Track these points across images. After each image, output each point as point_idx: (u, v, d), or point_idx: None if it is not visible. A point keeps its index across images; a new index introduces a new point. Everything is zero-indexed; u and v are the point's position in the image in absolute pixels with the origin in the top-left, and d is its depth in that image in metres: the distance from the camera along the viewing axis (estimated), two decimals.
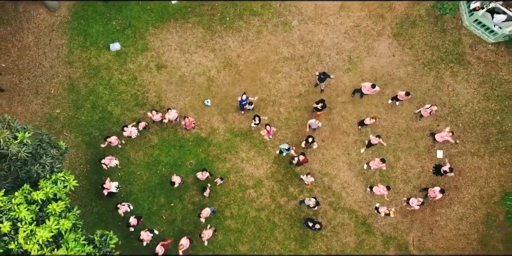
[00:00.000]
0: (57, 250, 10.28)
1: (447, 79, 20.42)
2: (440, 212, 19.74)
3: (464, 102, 20.30)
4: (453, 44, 20.62)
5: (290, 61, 20.48)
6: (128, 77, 20.14)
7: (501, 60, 20.63)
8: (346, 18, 20.69)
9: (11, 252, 10.44)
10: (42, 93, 20.12)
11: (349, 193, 19.66)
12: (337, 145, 19.94)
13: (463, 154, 20.04)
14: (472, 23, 20.34)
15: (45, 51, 20.40)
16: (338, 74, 20.28)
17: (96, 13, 20.64)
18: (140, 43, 20.38)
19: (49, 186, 11.29)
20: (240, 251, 19.20)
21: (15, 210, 10.52)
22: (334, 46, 20.50)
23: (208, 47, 20.50)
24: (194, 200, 19.29)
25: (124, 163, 19.43)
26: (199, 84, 20.22)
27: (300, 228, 19.30)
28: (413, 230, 19.59)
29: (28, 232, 10.31)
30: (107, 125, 19.72)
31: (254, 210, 19.36)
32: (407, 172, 19.79)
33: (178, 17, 20.62)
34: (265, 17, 20.79)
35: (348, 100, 20.19)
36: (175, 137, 19.78)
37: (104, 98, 19.96)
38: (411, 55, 20.46)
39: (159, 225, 18.98)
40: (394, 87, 20.14)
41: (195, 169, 19.37)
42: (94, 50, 20.32)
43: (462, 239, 19.70)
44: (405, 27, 20.65)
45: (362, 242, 19.42)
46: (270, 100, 20.23)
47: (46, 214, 10.95)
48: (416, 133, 19.96)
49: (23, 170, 12.37)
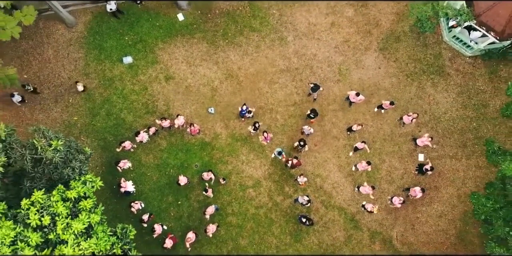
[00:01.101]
0: (90, 239, 12.39)
1: (428, 89, 22.54)
2: (421, 209, 21.83)
3: (443, 110, 22.40)
4: (434, 57, 22.73)
5: (286, 72, 22.59)
6: (139, 87, 22.25)
7: (478, 71, 22.74)
8: (337, 34, 22.80)
9: (50, 241, 12.56)
10: (61, 102, 22.23)
11: (338, 192, 21.77)
12: (328, 149, 22.05)
13: (442, 157, 22.14)
14: (451, 39, 22.45)
15: (64, 64, 22.51)
16: (329, 85, 22.39)
17: (110, 29, 22.76)
18: (150, 57, 22.49)
19: (80, 186, 13.41)
20: (241, 244, 21.31)
21: (53, 206, 12.64)
22: (325, 59, 22.61)
23: (212, 60, 22.60)
24: (199, 199, 21.41)
25: (136, 165, 21.55)
26: (204, 94, 22.33)
27: (294, 224, 21.41)
28: (396, 226, 21.70)
29: (65, 224, 12.43)
30: (120, 131, 21.84)
31: (253, 207, 21.48)
32: (391, 173, 21.90)
33: (184, 33, 22.73)
34: (263, 33, 22.89)
35: (338, 108, 22.31)
36: (182, 141, 21.89)
37: (118, 106, 22.08)
38: (395, 68, 22.57)
39: (167, 221, 21.09)
40: (380, 96, 22.26)
41: (200, 171, 21.48)
42: (109, 63, 22.44)
43: (441, 234, 21.78)
44: (390, 42, 22.76)
45: (350, 237, 21.53)
46: (267, 108, 22.34)
47: (78, 210, 13.08)
48: (399, 138, 22.07)
49: (55, 173, 14.49)
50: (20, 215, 12.68)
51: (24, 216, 12.61)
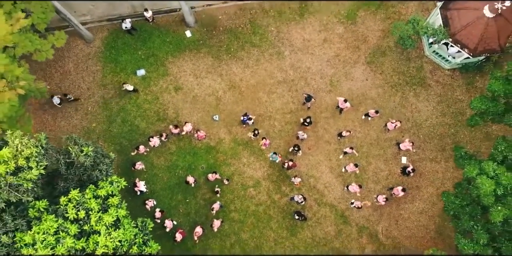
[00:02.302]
0: (118, 230, 14.90)
1: (410, 99, 25.06)
2: (404, 207, 24.36)
3: (424, 118, 24.92)
4: (416, 70, 25.25)
5: (283, 84, 25.10)
6: (151, 97, 24.77)
7: (456, 83, 25.27)
8: (328, 49, 25.32)
9: (85, 231, 15.06)
10: (81, 110, 24.74)
11: (330, 191, 24.30)
12: (321, 153, 24.58)
13: (423, 160, 24.66)
14: (432, 53, 24.97)
15: (83, 76, 25.01)
16: (321, 95, 24.91)
17: (124, 44, 25.27)
18: (161, 69, 25.00)
19: (108, 185, 15.92)
20: (242, 238, 23.84)
21: (87, 203, 15.14)
22: (318, 72, 25.13)
23: (216, 72, 25.12)
24: (205, 197, 23.94)
25: (148, 167, 24.06)
26: (209, 103, 24.84)
27: (290, 219, 23.94)
28: (382, 221, 24.23)
29: (97, 218, 14.93)
30: (134, 136, 24.36)
31: (253, 205, 24.00)
32: (377, 174, 24.43)
33: (192, 48, 25.24)
34: (262, 48, 25.40)
35: (330, 116, 24.83)
36: (190, 146, 24.41)
37: (132, 114, 24.60)
38: (381, 79, 25.08)
39: (177, 217, 23.62)
40: (367, 105, 24.78)
41: (206, 172, 23.99)
42: (124, 75, 24.96)
43: (422, 229, 24.32)
44: (377, 56, 25.27)
45: (340, 231, 24.06)
46: (266, 115, 24.86)
47: (107, 205, 15.58)
48: (384, 143, 24.59)
49: (85, 174, 17.01)
50: (59, 210, 15.19)
51: (63, 211, 15.11)
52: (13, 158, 14.49)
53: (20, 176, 14.63)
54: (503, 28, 22.12)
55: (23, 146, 14.46)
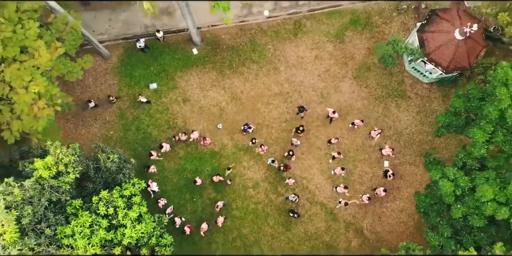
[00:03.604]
0: (140, 223, 18.03)
1: (392, 109, 28.18)
2: (387, 205, 27.48)
3: (405, 126, 28.04)
4: (397, 84, 28.36)
5: (279, 96, 28.22)
6: (162, 107, 27.90)
7: (433, 95, 28.38)
8: (319, 65, 28.44)
9: (113, 225, 18.18)
10: (99, 119, 27.87)
11: (320, 192, 27.43)
12: (313, 157, 27.70)
13: (403, 163, 27.78)
14: (411, 69, 28.08)
15: (101, 89, 28.13)
16: (313, 106, 28.04)
17: (138, 61, 28.39)
18: (170, 83, 28.13)
19: (130, 187, 19.06)
20: (243, 233, 26.97)
21: (115, 201, 18.27)
22: (310, 85, 28.25)
23: (220, 85, 28.24)
24: (210, 197, 27.08)
25: (160, 170, 27.18)
26: (213, 113, 27.97)
27: (285, 216, 27.07)
28: (366, 218, 27.35)
29: (124, 214, 18.06)
30: (147, 143, 27.49)
31: (253, 203, 27.15)
32: (362, 176, 27.56)
33: (198, 64, 28.37)
34: (261, 64, 28.52)
35: (321, 125, 27.96)
36: (196, 151, 27.54)
37: (145, 123, 27.73)
38: (366, 92, 28.20)
39: (185, 214, 26.75)
40: (353, 115, 27.91)
41: (211, 174, 27.11)
42: (138, 88, 28.09)
43: (402, 225, 27.42)
44: (362, 71, 28.38)
45: (329, 227, 27.19)
46: (264, 124, 27.98)
47: (131, 203, 18.71)
48: (369, 149, 27.73)
49: (110, 177, 20.14)
50: (92, 207, 18.32)
51: (95, 208, 18.24)
52: (55, 164, 17.61)
53: (60, 180, 17.77)
54: (472, 48, 25.19)
55: (63, 155, 17.58)
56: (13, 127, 19.48)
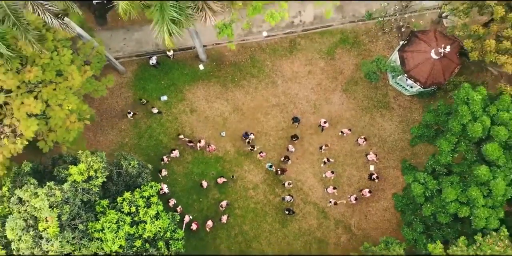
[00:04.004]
0: (158, 220, 21.41)
1: (377, 119, 31.58)
2: (372, 205, 30.86)
3: (388, 134, 31.43)
4: (382, 96, 31.75)
5: (276, 107, 31.62)
6: (172, 117, 31.30)
7: (414, 106, 31.76)
8: (312, 79, 31.84)
9: (135, 221, 21.57)
10: (115, 128, 31.27)
11: (313, 192, 30.83)
12: (306, 162, 31.10)
13: (387, 167, 31.17)
14: (394, 83, 31.47)
15: (117, 101, 31.51)
16: (307, 116, 31.44)
17: (150, 75, 31.78)
18: (179, 96, 31.52)
19: (149, 189, 22.45)
20: (244, 229, 30.34)
21: (136, 201, 21.65)
22: (304, 97, 31.64)
23: (223, 97, 31.63)
24: (215, 197, 30.48)
25: (170, 173, 30.57)
26: (217, 122, 31.36)
27: (282, 214, 30.47)
28: (354, 216, 30.74)
29: (144, 212, 21.45)
30: (159, 149, 30.89)
31: (252, 203, 30.54)
32: (350, 179, 30.96)
33: (204, 78, 31.76)
34: (260, 78, 31.91)
35: (313, 133, 31.35)
36: (202, 156, 30.94)
37: (157, 131, 31.12)
38: (354, 104, 31.60)
39: (192, 212, 30.13)
40: (343, 124, 31.31)
41: (215, 177, 30.49)
42: (150, 100, 31.46)
43: (386, 223, 30.80)
44: (351, 85, 31.77)
45: (321, 224, 30.58)
46: (263, 132, 31.37)
47: (150, 203, 22.10)
48: (356, 154, 31.13)
49: (131, 181, 23.54)
50: (117, 206, 21.71)
51: (119, 207, 21.63)
52: (86, 170, 21.00)
53: (91, 183, 21.18)
54: (447, 66, 28.56)
55: (93, 162, 20.98)
56: (48, 138, 22.86)
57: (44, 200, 18.96)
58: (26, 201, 19.85)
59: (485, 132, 21.60)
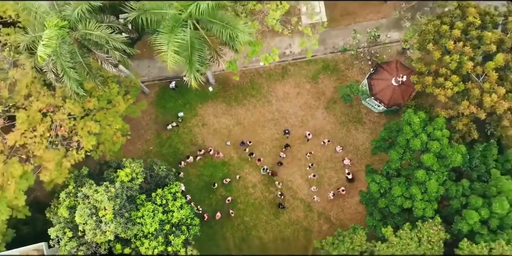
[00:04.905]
0: (182, 210, 29.49)
1: (352, 131, 39.71)
2: (348, 200, 39.02)
3: (361, 143, 39.56)
4: (356, 113, 39.88)
5: (271, 121, 39.74)
6: (187, 130, 39.45)
7: (382, 121, 39.88)
8: (300, 99, 39.98)
9: (165, 211, 29.67)
10: (142, 138, 39.41)
11: (301, 190, 38.97)
12: (295, 166, 39.24)
13: (360, 170, 39.32)
14: (366, 102, 39.56)
15: (143, 116, 39.65)
16: (296, 129, 39.60)
17: (170, 96, 39.94)
18: (193, 112, 39.66)
19: (174, 187, 30.55)
20: (245, 220, 38.50)
21: (166, 196, 29.75)
22: (294, 114, 39.79)
23: (229, 114, 39.76)
24: (222, 194, 38.68)
25: (185, 175, 38.70)
26: (223, 133, 39.49)
27: (275, 208, 38.62)
28: (333, 209, 38.88)
29: (172, 203, 29.55)
30: (177, 155, 39.05)
31: (252, 199, 38.69)
32: (330, 179, 39.12)
33: (213, 98, 39.90)
34: (258, 97, 40.02)
35: (301, 142, 39.49)
36: (211, 161, 39.09)
37: (175, 140, 39.28)
38: (333, 119, 39.75)
39: (204, 207, 38.24)
40: (324, 135, 39.45)
41: (222, 177, 38.60)
42: (170, 116, 39.60)
43: (358, 214, 38.91)
44: (331, 103, 39.90)
45: (307, 216, 38.74)
46: (260, 142, 39.51)
47: (175, 197, 30.21)
48: (335, 160, 39.30)
49: (160, 181, 31.67)
50: (152, 200, 29.80)
51: (153, 200, 29.72)
52: (130, 173, 29.09)
53: (133, 183, 29.28)
54: (405, 91, 36.61)
55: (136, 167, 29.09)
56: (98, 149, 30.96)
57: (103, 195, 27.04)
58: (89, 196, 27.92)
59: (423, 145, 29.71)
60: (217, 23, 24.58)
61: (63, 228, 28.58)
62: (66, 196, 28.90)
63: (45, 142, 27.59)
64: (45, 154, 27.60)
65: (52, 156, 27.71)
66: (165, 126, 39.48)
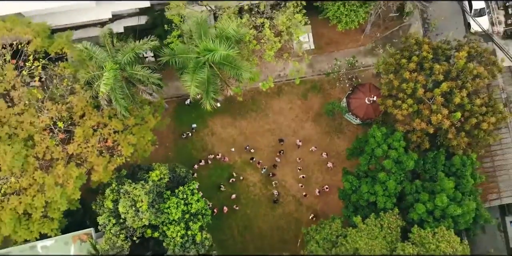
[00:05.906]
0: (199, 202, 39.18)
1: (335, 140, 49.53)
2: (330, 196, 48.86)
3: (342, 149, 49.33)
4: (338, 124, 49.70)
5: (269, 131, 49.56)
6: (199, 138, 49.28)
7: (359, 131, 49.64)
8: (292, 113, 49.78)
9: (186, 203, 39.42)
10: (162, 145, 49.20)
11: (293, 188, 48.82)
12: (288, 168, 49.06)
13: (340, 172, 48.98)
14: (346, 116, 49.30)
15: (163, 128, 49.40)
16: (289, 137, 49.42)
17: (185, 110, 49.74)
18: (204, 124, 49.49)
19: (192, 185, 40.32)
20: (247, 212, 48.37)
21: (186, 192, 39.49)
22: (287, 125, 49.62)
23: (233, 125, 49.58)
24: (227, 191, 48.46)
25: (198, 175, 48.48)
26: (229, 141, 49.30)
27: (272, 203, 48.38)
28: (319, 204, 48.74)
29: (191, 197, 39.26)
30: (191, 160, 48.82)
31: (252, 195, 48.55)
32: (317, 179, 48.97)
33: (220, 113, 49.69)
34: (257, 112, 49.82)
35: (293, 149, 49.32)
36: (219, 164, 48.92)
37: (189, 147, 49.15)
38: (320, 129, 49.54)
39: (214, 202, 47.98)
40: (312, 143, 49.25)
41: (228, 178, 48.39)
42: (185, 127, 49.38)
43: (338, 207, 48.53)
44: (317, 117, 49.69)
45: (297, 209, 48.61)
46: (259, 148, 49.34)
47: (193, 192, 39.94)
48: (321, 163, 49.09)
49: (180, 180, 41.52)
50: (175, 195, 39.53)
51: (176, 195, 39.47)
52: (159, 174, 38.84)
53: (161, 182, 39.08)
54: (376, 108, 46.26)
55: (163, 170, 38.88)
56: (132, 155, 40.72)
57: (141, 191, 36.81)
58: (129, 191, 37.67)
59: (385, 153, 39.47)
60: (227, 65, 34.31)
61: (108, 217, 38.40)
62: (110, 192, 38.72)
63: (95, 151, 37.32)
64: (95, 160, 37.33)
65: (101, 161, 37.45)
66: (181, 135, 49.31)
